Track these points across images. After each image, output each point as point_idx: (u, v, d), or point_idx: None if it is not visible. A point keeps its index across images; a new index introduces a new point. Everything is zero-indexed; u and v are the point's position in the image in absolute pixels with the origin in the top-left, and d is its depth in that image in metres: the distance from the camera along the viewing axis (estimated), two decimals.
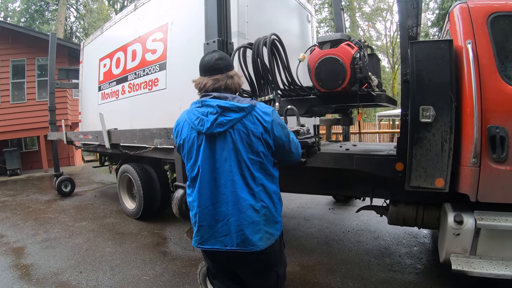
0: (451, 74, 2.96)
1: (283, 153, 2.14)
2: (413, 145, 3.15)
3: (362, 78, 2.97)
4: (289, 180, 4.62)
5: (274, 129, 2.00)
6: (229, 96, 2.02)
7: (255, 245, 1.99)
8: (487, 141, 2.94)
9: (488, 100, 2.93)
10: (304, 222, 5.86)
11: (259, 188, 2.01)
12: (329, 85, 3.09)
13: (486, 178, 2.96)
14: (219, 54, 2.13)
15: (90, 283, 3.85)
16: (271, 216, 2.06)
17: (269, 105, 2.70)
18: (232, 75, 2.10)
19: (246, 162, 1.97)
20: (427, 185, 3.13)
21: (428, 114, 3.04)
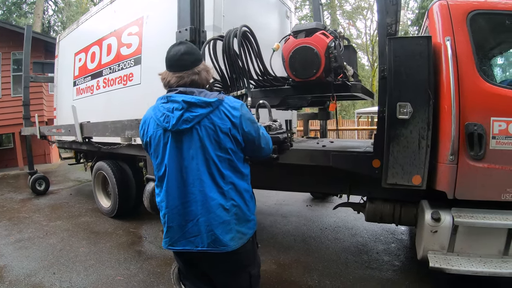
0: (429, 71, 2.86)
1: (253, 149, 2.02)
2: (390, 142, 3.04)
3: (337, 67, 2.85)
4: (265, 177, 4.47)
5: (243, 124, 1.90)
6: (195, 90, 1.90)
7: (227, 245, 1.90)
8: (464, 139, 2.87)
9: (466, 97, 2.85)
10: (281, 219, 5.71)
11: (229, 187, 1.91)
12: (303, 75, 2.95)
13: (463, 176, 2.89)
14: (186, 47, 1.97)
15: (63, 284, 3.68)
16: (243, 215, 1.96)
17: (241, 100, 2.57)
18: (199, 71, 1.96)
19: (214, 159, 1.87)
20: (404, 183, 3.02)
21: (405, 110, 2.93)
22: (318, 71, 2.86)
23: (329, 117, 6.27)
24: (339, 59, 2.80)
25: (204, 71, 1.99)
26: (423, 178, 2.96)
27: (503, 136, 2.80)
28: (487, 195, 2.91)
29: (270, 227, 5.35)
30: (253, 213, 2.06)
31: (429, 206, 3.15)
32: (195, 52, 2.01)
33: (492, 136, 2.82)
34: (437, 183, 3.02)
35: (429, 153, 2.93)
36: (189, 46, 2.01)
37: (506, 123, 2.79)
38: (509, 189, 2.84)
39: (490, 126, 2.81)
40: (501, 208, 2.92)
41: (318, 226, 5.28)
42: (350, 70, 2.96)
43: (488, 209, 2.93)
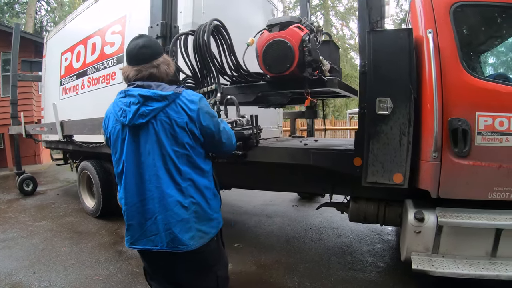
0: (410, 65, 2.63)
1: (213, 145, 1.94)
2: (369, 138, 2.81)
3: (311, 61, 2.60)
4: (245, 176, 4.34)
5: (201, 118, 1.80)
6: (153, 84, 1.80)
7: (186, 244, 1.79)
8: (448, 135, 2.63)
9: (449, 92, 2.61)
10: (265, 219, 5.43)
11: (187, 183, 1.80)
12: (277, 69, 2.71)
13: (447, 174, 2.65)
14: (144, 40, 1.89)
15: (42, 283, 3.52)
16: (204, 213, 1.86)
17: (211, 96, 2.43)
18: (158, 64, 1.87)
19: (171, 155, 1.77)
20: (385, 181, 2.78)
21: (385, 106, 2.70)
22: (291, 65, 2.61)
23: (316, 116, 5.99)
24: (313, 52, 2.55)
25: (163, 65, 1.90)
26: (405, 176, 2.72)
27: (489, 131, 2.56)
28: (473, 194, 2.67)
29: (254, 227, 5.08)
30: (216, 211, 1.95)
31: (413, 205, 2.91)
32: (154, 46, 1.93)
33: (478, 132, 2.58)
34: (419, 182, 2.78)
35: (411, 150, 2.70)
36: (148, 39, 1.94)
37: (492, 118, 2.55)
38: (497, 188, 2.60)
39: (475, 121, 2.57)
40: (488, 207, 2.69)
41: (303, 227, 5.01)
42: (327, 64, 2.71)
43: (475, 209, 2.70)
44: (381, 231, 4.66)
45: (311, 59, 2.56)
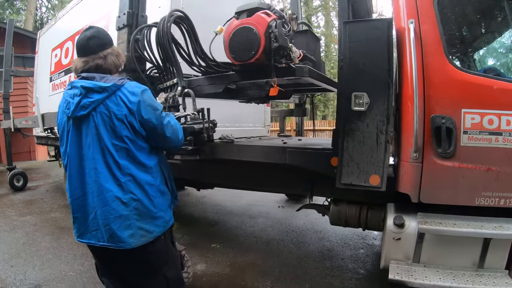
0: (388, 57, 2.28)
1: (157, 139, 1.81)
2: (344, 136, 2.46)
3: (277, 48, 2.25)
4: (226, 175, 4.01)
5: (142, 111, 1.70)
6: (97, 76, 1.73)
7: (125, 242, 1.67)
8: (431, 134, 2.26)
9: (432, 86, 2.25)
10: (248, 220, 5.04)
11: (127, 178, 1.69)
12: (241, 57, 2.38)
13: (429, 176, 2.29)
14: (92, 32, 1.81)
15: (17, 277, 3.38)
16: (146, 210, 1.73)
17: (173, 89, 2.27)
18: (105, 55, 1.79)
19: (109, 148, 1.67)
20: (360, 183, 2.42)
21: (361, 101, 2.36)
22: (256, 52, 2.28)
23: (305, 114, 5.64)
24: (280, 39, 2.21)
25: (111, 56, 1.82)
26: (382, 178, 2.36)
27: (477, 130, 2.19)
28: (458, 199, 2.31)
29: (234, 228, 4.70)
30: (162, 209, 1.81)
31: (393, 210, 2.57)
32: (102, 37, 1.83)
33: (464, 131, 2.21)
34: (399, 184, 2.43)
35: (389, 150, 2.34)
36: (97, 30, 1.84)
37: (480, 116, 2.18)
38: (485, 193, 2.23)
39: (461, 119, 2.21)
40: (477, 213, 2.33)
41: (285, 228, 4.61)
42: (296, 52, 2.35)
43: (461, 215, 2.34)
44: (366, 236, 4.26)
45: (277, 45, 2.21)
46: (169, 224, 1.89)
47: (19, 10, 20.65)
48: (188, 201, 6.22)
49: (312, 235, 4.34)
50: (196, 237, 4.35)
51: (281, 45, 2.22)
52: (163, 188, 1.87)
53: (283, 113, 6.09)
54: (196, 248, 4.01)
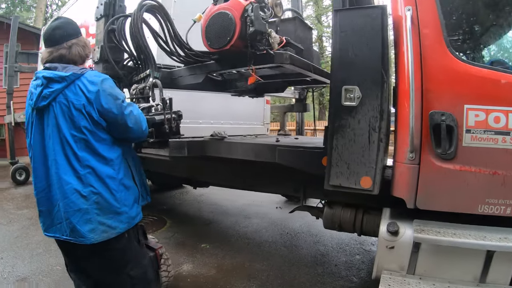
0: (382, 47, 2.02)
1: (119, 129, 1.72)
2: (333, 134, 2.20)
3: (254, 33, 2.02)
4: (217, 173, 3.84)
5: (102, 101, 1.63)
6: (59, 66, 1.67)
7: (84, 236, 1.61)
8: (429, 132, 1.97)
9: (431, 79, 1.96)
10: (243, 220, 4.79)
11: (86, 171, 1.62)
12: (217, 43, 2.15)
13: (427, 180, 2.00)
14: (58, 22, 1.77)
15: (6, 269, 3.34)
16: (108, 205, 1.66)
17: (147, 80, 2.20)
18: (69, 46, 1.73)
19: (68, 139, 1.61)
20: (350, 185, 2.17)
21: (352, 96, 2.10)
22: (232, 38, 2.05)
23: (305, 109, 5.36)
24: (257, 23, 1.98)
25: (76, 46, 1.75)
26: (374, 180, 2.09)
27: (481, 129, 1.90)
28: (459, 206, 2.01)
29: (228, 228, 4.46)
30: (125, 204, 1.73)
31: (388, 215, 2.28)
32: (67, 27, 1.77)
33: (466, 130, 1.92)
34: (394, 188, 2.16)
35: (383, 149, 2.08)
36: (63, 21, 1.80)
37: (485, 113, 1.89)
38: (490, 200, 1.94)
39: (463, 116, 1.92)
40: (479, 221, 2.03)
41: (280, 230, 4.36)
42: (276, 37, 2.10)
43: (462, 224, 2.05)
44: (364, 241, 3.98)
45: (253, 30, 1.97)
46: (135, 220, 1.81)
47: (30, 8, 20.65)
48: (185, 199, 6.02)
49: (307, 238, 4.08)
50: (187, 236, 4.13)
51: (257, 29, 1.99)
52: (128, 182, 1.79)
53: (283, 109, 5.82)
54: (185, 247, 3.81)
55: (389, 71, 2.05)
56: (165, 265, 2.60)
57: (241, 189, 4.00)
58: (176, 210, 5.35)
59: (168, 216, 4.89)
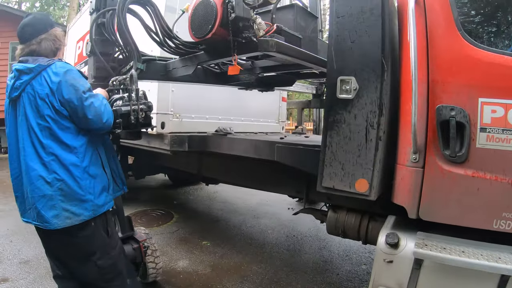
0: (383, 32, 1.71)
1: (79, 120, 1.70)
2: (327, 130, 1.92)
3: (235, 19, 1.77)
4: (217, 169, 3.75)
5: (63, 91, 1.64)
6: (30, 58, 1.71)
7: (49, 222, 1.64)
8: (436, 129, 1.63)
9: (439, 68, 1.63)
10: (250, 220, 4.54)
11: (50, 158, 1.64)
12: (199, 33, 1.92)
13: (432, 186, 1.67)
14: (29, 19, 1.79)
15: (13, 251, 3.41)
16: (72, 192, 1.66)
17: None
18: (39, 41, 1.76)
19: (34, 127, 1.65)
20: (344, 188, 1.88)
21: (349, 87, 1.82)
22: (213, 26, 1.82)
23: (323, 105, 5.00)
24: (237, 8, 1.73)
25: (46, 40, 1.77)
26: (372, 184, 1.79)
27: (499, 128, 1.55)
28: (469, 220, 1.66)
29: (234, 227, 4.23)
30: (90, 192, 1.71)
31: (391, 225, 1.93)
32: (36, 23, 1.79)
33: (481, 128, 1.57)
34: (394, 194, 1.85)
35: (382, 149, 1.76)
36: (32, 17, 1.82)
37: (503, 108, 1.54)
38: (508, 214, 1.58)
39: (477, 111, 1.57)
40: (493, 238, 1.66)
41: (286, 232, 4.07)
42: (261, 23, 1.83)
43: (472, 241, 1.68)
44: (374, 249, 3.59)
45: (234, 16, 1.74)
46: (101, 209, 1.78)
47: (63, 6, 21.10)
48: (198, 195, 5.86)
49: (313, 242, 3.77)
50: (190, 232, 3.96)
51: (238, 15, 1.74)
52: (95, 170, 1.77)
53: (300, 105, 5.49)
54: (186, 243, 3.64)
55: (390, 60, 1.73)
56: (152, 257, 2.54)
57: (244, 187, 3.77)
58: (186, 205, 5.19)
59: (177, 211, 4.74)
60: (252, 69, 2.86)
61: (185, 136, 3.15)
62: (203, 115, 3.75)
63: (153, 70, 2.55)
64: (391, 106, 1.77)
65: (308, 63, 2.20)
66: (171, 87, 3.35)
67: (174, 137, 3.16)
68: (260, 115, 4.69)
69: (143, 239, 2.52)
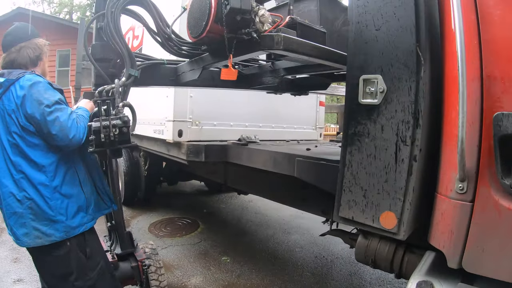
0: (417, 13, 1.26)
1: (45, 136, 1.56)
2: (347, 145, 1.49)
3: (231, 12, 1.40)
4: (238, 179, 3.41)
5: (26, 106, 1.52)
6: (5, 72, 1.63)
7: (19, 239, 1.58)
8: (493, 148, 1.13)
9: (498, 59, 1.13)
10: (280, 235, 4.10)
11: (20, 176, 1.55)
12: (195, 31, 1.61)
13: (484, 228, 1.18)
14: (10, 29, 1.75)
15: None
16: (41, 212, 1.56)
17: None
18: (18, 49, 1.69)
19: (4, 144, 1.56)
20: (366, 221, 1.48)
21: (374, 89, 1.39)
22: (208, 23, 1.49)
23: None
24: (233, 0, 1.34)
25: (26, 48, 1.71)
26: (401, 219, 1.35)
27: None
28: None
29: (259, 242, 3.84)
30: (61, 213, 1.60)
31: (428, 266, 1.44)
32: (17, 32, 1.74)
33: None
34: (431, 232, 1.38)
35: (418, 174, 1.31)
36: (14, 27, 1.77)
37: None
38: None
39: None
40: None
41: (316, 252, 3.57)
42: (265, 16, 1.42)
43: None
44: None
45: (229, 8, 1.38)
46: (75, 231, 1.65)
47: None
48: (231, 203, 5.55)
49: (344, 267, 3.25)
50: (212, 245, 3.66)
51: (234, 6, 1.37)
52: (68, 190, 1.64)
53: (342, 109, 4.97)
54: (205, 257, 3.35)
55: (429, 51, 1.26)
56: (156, 274, 2.37)
57: (271, 200, 3.39)
58: (215, 215, 4.91)
59: (203, 221, 4.47)
60: (274, 71, 2.50)
61: (201, 145, 2.89)
62: (226, 121, 3.44)
63: (162, 75, 2.32)
64: (431, 115, 1.30)
65: (334, 63, 1.76)
66: (189, 92, 3.10)
67: (190, 146, 2.92)
68: (294, 121, 4.27)
69: (142, 258, 2.32)
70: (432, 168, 1.33)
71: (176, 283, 2.84)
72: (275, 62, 2.42)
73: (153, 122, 3.53)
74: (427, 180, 1.34)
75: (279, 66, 2.41)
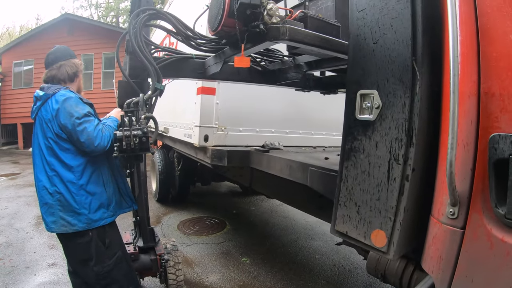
0: (414, 24, 1.19)
1: (75, 142, 1.82)
2: (344, 160, 1.46)
3: (241, 6, 1.49)
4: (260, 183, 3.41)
5: (60, 117, 1.78)
6: (45, 86, 1.91)
7: (48, 226, 1.85)
8: (487, 172, 1.03)
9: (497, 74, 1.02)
10: (303, 240, 4.02)
11: (53, 173, 1.82)
12: (213, 26, 1.73)
13: (474, 257, 1.07)
14: (52, 50, 2.02)
15: (40, 240, 3.64)
16: (68, 204, 1.81)
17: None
18: (59, 66, 1.96)
19: (41, 146, 1.84)
20: (359, 237, 1.42)
21: (370, 105, 1.33)
22: (222, 17, 1.60)
23: None
24: None
25: (65, 66, 1.97)
26: (391, 239, 1.27)
27: None
28: None
29: (281, 246, 3.80)
30: (84, 207, 1.83)
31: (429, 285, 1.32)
32: (58, 52, 2.01)
33: None
34: (423, 257, 1.29)
35: (410, 194, 1.23)
36: (55, 48, 2.04)
37: None
38: None
39: None
40: None
41: (335, 260, 3.46)
42: (272, 9, 1.45)
43: None
44: None
45: (239, 3, 1.48)
46: (96, 223, 1.87)
47: None
48: (261, 205, 5.56)
49: (361, 277, 3.12)
50: (235, 246, 3.70)
51: (243, 2, 1.47)
52: (93, 188, 1.87)
53: None
54: (226, 257, 3.40)
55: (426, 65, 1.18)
56: (173, 268, 2.51)
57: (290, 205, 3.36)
58: (244, 216, 4.94)
59: (231, 221, 4.53)
60: (297, 66, 2.48)
61: (224, 150, 2.93)
62: (252, 127, 3.45)
63: (192, 68, 2.43)
64: (426, 133, 1.21)
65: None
66: (215, 99, 3.16)
67: (214, 151, 2.98)
68: (323, 127, 4.15)
69: (161, 252, 2.51)
70: (428, 189, 1.24)
71: (195, 278, 2.92)
72: (296, 57, 2.41)
73: (183, 126, 3.66)
74: (422, 201, 1.25)
75: (300, 61, 2.40)
